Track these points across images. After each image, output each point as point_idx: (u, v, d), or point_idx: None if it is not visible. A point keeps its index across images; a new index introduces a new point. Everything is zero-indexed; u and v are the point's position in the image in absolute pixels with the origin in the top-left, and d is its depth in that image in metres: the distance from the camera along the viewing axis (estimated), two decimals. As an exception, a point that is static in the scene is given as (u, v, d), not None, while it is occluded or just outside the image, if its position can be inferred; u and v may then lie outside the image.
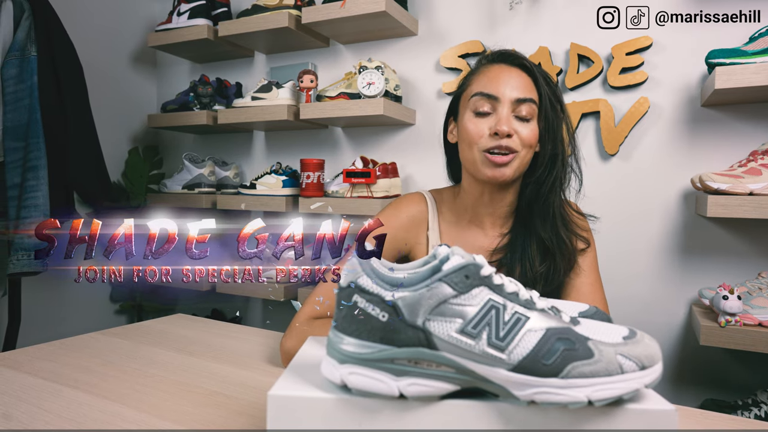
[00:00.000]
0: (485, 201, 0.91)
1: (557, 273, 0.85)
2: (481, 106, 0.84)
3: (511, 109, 0.83)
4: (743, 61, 1.23)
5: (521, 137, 0.83)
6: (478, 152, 0.84)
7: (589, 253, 0.90)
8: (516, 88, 0.83)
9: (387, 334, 0.41)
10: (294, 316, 0.84)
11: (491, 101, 0.84)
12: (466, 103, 0.87)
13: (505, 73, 0.85)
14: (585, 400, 0.40)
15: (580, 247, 0.88)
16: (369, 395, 0.42)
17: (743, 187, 1.21)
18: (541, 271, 0.84)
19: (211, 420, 0.62)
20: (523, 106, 0.83)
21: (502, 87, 0.83)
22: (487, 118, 0.84)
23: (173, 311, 2.37)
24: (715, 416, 0.67)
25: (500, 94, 0.83)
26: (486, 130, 0.83)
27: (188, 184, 2.03)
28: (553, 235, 0.85)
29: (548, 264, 0.85)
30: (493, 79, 0.85)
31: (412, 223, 0.94)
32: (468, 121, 0.86)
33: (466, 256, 0.43)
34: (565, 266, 0.85)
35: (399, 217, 0.94)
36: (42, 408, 0.64)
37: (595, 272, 0.89)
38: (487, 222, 0.92)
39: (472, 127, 0.84)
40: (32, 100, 1.42)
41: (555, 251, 0.85)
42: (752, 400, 1.29)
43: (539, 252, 0.86)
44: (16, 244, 1.40)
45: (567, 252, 0.85)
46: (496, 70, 0.86)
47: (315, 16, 1.73)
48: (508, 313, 0.42)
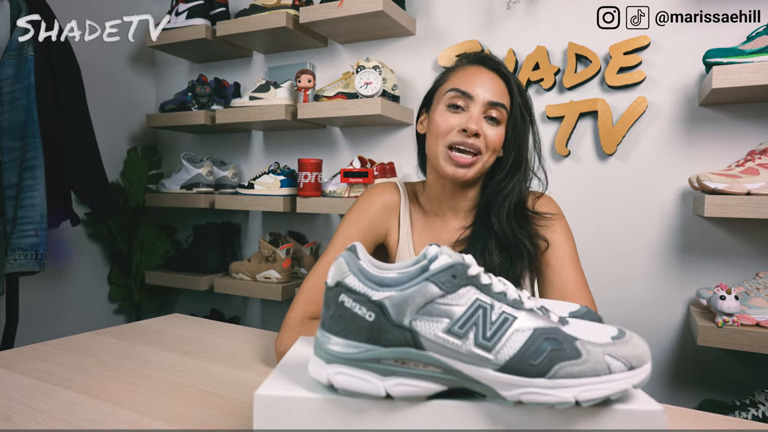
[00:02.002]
0: (447, 195, 0.93)
1: (513, 268, 0.86)
2: (455, 102, 0.87)
3: (482, 110, 0.86)
4: (740, 61, 1.23)
5: (487, 139, 0.86)
6: (442, 146, 0.87)
7: (562, 247, 0.88)
8: (490, 91, 0.86)
9: (374, 334, 0.41)
10: (286, 315, 0.84)
11: (465, 99, 0.86)
12: (441, 97, 0.90)
13: (482, 74, 0.88)
14: (572, 400, 0.40)
15: (542, 245, 0.88)
16: (356, 395, 0.42)
17: (741, 187, 1.20)
18: (498, 262, 0.86)
19: (204, 420, 0.62)
20: (494, 110, 0.86)
21: (477, 87, 0.86)
22: (458, 114, 0.87)
23: (172, 311, 2.37)
24: (711, 417, 0.67)
25: (475, 93, 0.86)
26: (455, 126, 0.86)
27: (186, 183, 2.03)
28: (509, 233, 0.87)
29: (504, 256, 0.87)
30: (470, 78, 0.88)
31: (385, 211, 0.96)
32: (439, 115, 0.88)
33: (454, 256, 0.43)
34: (521, 263, 0.87)
35: (373, 205, 0.96)
36: (34, 408, 0.64)
37: (576, 267, 0.88)
38: (449, 215, 0.95)
39: (442, 121, 0.87)
40: (29, 99, 1.42)
41: (511, 248, 0.87)
42: (750, 400, 1.29)
43: (497, 247, 0.88)
44: (14, 244, 1.40)
45: (523, 249, 0.86)
46: (474, 70, 0.89)
47: (313, 15, 1.73)
48: (495, 312, 0.42)
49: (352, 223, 0.94)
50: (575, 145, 1.61)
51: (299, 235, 2.08)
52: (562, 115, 1.60)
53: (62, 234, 2.02)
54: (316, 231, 2.09)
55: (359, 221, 0.94)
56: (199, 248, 2.09)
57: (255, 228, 2.23)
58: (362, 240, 0.93)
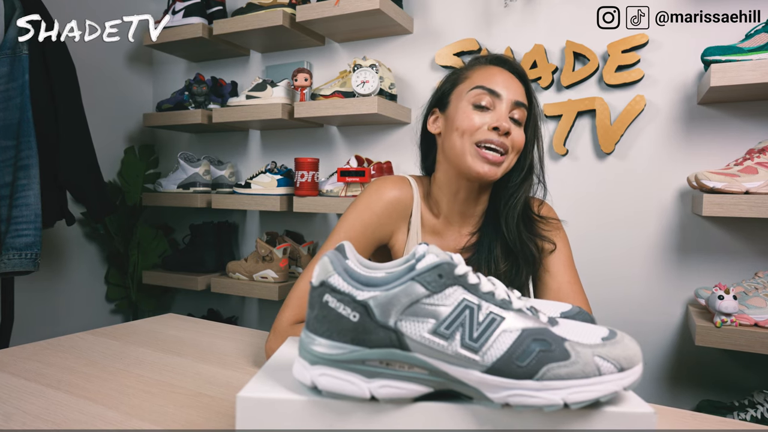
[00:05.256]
0: (460, 199, 0.90)
1: (519, 275, 0.86)
2: (481, 100, 0.84)
3: (508, 110, 0.85)
4: (739, 58, 1.22)
5: (514, 140, 0.84)
6: (469, 144, 0.84)
7: (561, 253, 0.89)
8: (515, 92, 0.86)
9: (358, 335, 0.40)
10: (276, 316, 0.83)
11: (492, 97, 0.84)
12: (463, 95, 0.87)
13: (505, 75, 0.87)
14: (560, 402, 0.39)
15: (547, 248, 0.88)
16: (340, 397, 0.41)
17: (739, 186, 1.19)
18: (504, 269, 0.86)
19: (192, 420, 0.62)
20: (517, 110, 0.85)
21: (504, 86, 0.85)
22: (485, 113, 0.84)
23: (169, 311, 2.37)
24: (708, 418, 0.66)
25: (502, 92, 0.84)
26: (484, 124, 0.83)
27: (183, 183, 2.02)
28: (516, 238, 0.86)
29: (510, 263, 0.87)
30: (495, 77, 0.86)
31: (395, 208, 0.90)
32: (463, 112, 0.85)
33: (441, 255, 0.42)
34: (527, 269, 0.87)
35: (382, 200, 0.89)
36: (20, 409, 0.64)
37: (571, 269, 0.88)
38: (459, 219, 0.93)
39: (468, 119, 0.84)
40: (24, 98, 1.41)
41: (518, 253, 0.86)
42: (748, 401, 1.28)
43: (503, 253, 0.87)
44: (7, 244, 1.39)
45: (530, 255, 0.86)
46: (497, 70, 0.88)
47: (309, 14, 1.72)
48: (482, 313, 0.41)
49: (356, 218, 0.87)
50: (573, 144, 1.60)
51: (296, 235, 2.08)
52: (559, 114, 1.59)
53: (58, 233, 2.02)
54: (313, 230, 2.08)
55: (365, 217, 0.87)
56: (196, 248, 2.09)
57: (252, 227, 2.22)
58: (365, 239, 0.87)
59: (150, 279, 2.13)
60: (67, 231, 2.06)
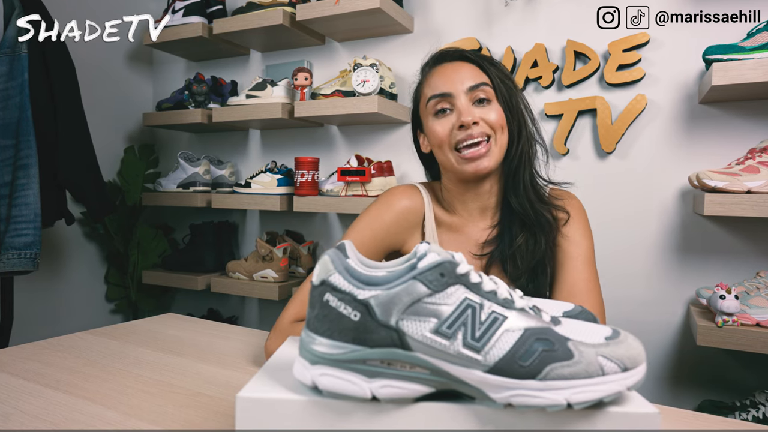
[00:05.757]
0: (472, 196, 0.90)
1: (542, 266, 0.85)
2: (439, 107, 0.85)
3: (468, 99, 0.84)
4: (741, 57, 1.21)
5: (488, 121, 0.83)
6: (450, 153, 0.85)
7: (582, 247, 0.87)
8: (465, 78, 0.85)
9: (359, 334, 0.40)
10: (279, 316, 0.83)
11: (446, 99, 0.85)
12: (426, 111, 0.89)
13: (449, 69, 0.87)
14: (564, 403, 0.39)
15: (561, 217, 0.87)
16: (340, 397, 0.40)
17: (741, 185, 1.19)
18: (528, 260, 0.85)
19: (191, 420, 0.61)
20: (478, 91, 0.84)
21: (450, 82, 0.85)
22: (449, 115, 0.85)
23: (169, 311, 2.37)
24: (709, 418, 0.65)
25: (452, 89, 0.84)
26: (451, 127, 0.84)
27: (183, 182, 2.02)
28: (529, 208, 0.85)
29: (530, 243, 0.85)
30: (440, 77, 0.86)
31: (406, 217, 0.91)
32: (432, 125, 0.87)
33: (442, 254, 0.41)
34: (547, 240, 0.85)
35: (392, 210, 0.91)
36: (18, 409, 0.63)
37: (590, 267, 0.87)
38: (477, 215, 0.92)
39: (438, 129, 0.85)
40: (23, 97, 1.40)
41: (534, 225, 0.85)
42: (750, 401, 1.28)
43: (524, 238, 0.86)
44: (7, 243, 1.39)
45: (545, 223, 0.85)
46: (441, 69, 0.88)
47: (309, 13, 1.72)
48: (484, 312, 0.40)
49: (366, 226, 0.89)
50: (574, 143, 1.60)
51: (296, 234, 2.07)
52: (560, 113, 1.59)
53: (58, 233, 2.02)
54: (313, 230, 2.08)
55: (375, 226, 0.89)
56: (195, 247, 2.08)
57: (252, 227, 2.22)
58: (374, 246, 0.88)
59: (150, 279, 2.12)
60: (67, 231, 2.06)
